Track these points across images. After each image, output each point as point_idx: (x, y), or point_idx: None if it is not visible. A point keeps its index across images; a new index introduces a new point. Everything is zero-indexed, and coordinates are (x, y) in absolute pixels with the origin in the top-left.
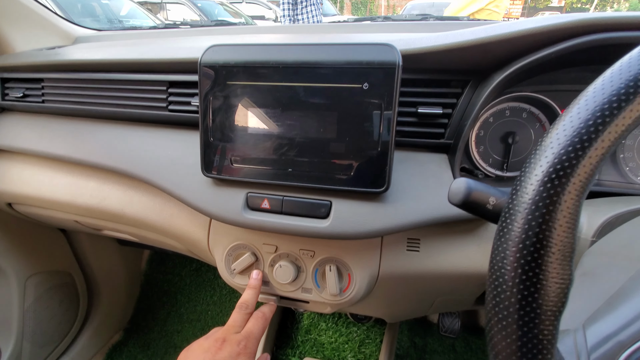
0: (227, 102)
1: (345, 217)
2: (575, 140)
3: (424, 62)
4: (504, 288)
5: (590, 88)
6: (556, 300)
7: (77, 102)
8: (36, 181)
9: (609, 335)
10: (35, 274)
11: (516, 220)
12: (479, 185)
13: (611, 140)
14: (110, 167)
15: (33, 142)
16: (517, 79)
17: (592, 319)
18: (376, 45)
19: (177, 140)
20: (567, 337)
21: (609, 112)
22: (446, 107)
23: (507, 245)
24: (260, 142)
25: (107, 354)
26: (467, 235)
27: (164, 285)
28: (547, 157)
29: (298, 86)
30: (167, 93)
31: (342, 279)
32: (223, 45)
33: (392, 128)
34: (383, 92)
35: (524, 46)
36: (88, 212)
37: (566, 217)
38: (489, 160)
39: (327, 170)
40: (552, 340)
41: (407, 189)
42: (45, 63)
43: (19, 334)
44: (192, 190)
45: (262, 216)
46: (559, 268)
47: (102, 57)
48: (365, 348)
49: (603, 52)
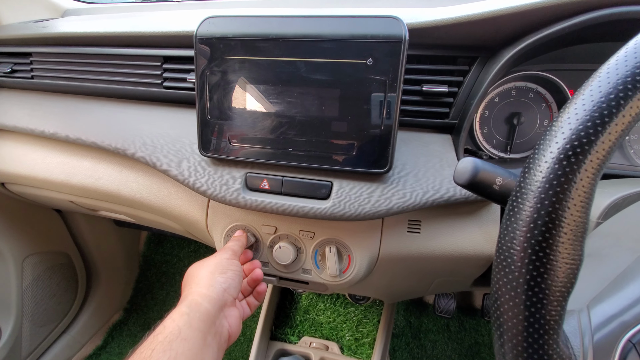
0: (225, 78)
1: (347, 198)
2: (595, 116)
3: (431, 37)
4: (512, 268)
5: (612, 60)
6: (565, 281)
7: (68, 78)
8: (29, 160)
9: (613, 316)
10: (32, 254)
11: (528, 199)
12: (487, 165)
13: (632, 116)
14: (105, 146)
15: (24, 119)
16: (528, 56)
17: (597, 300)
18: (382, 18)
19: (173, 118)
20: (571, 318)
21: (632, 85)
22: (452, 85)
23: (517, 224)
24: (260, 121)
25: (108, 333)
26: (468, 217)
27: (163, 267)
28: (565, 134)
29: (299, 61)
30: (161, 69)
31: (342, 260)
32: (220, 17)
33: (396, 107)
34: (388, 68)
35: (537, 20)
36: (83, 192)
37: (581, 195)
38: (492, 141)
39: (328, 150)
40: (559, 321)
41: (409, 170)
42: (33, 36)
43: (18, 313)
44: (189, 170)
45: (262, 197)
46: (570, 248)
47: (93, 30)
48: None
49: (618, 27)
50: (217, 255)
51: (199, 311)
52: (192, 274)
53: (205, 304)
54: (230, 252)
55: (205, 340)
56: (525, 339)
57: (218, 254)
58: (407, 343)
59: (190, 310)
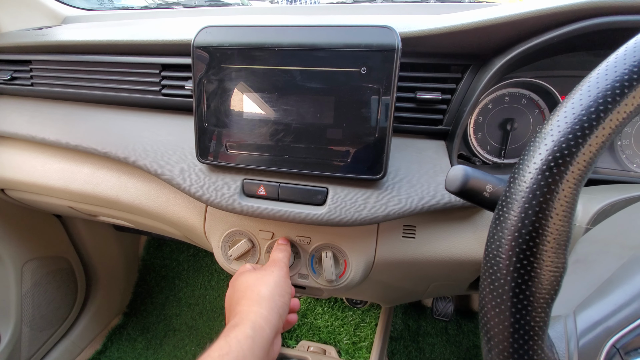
0: (222, 86)
1: (342, 204)
2: (575, 128)
3: (424, 46)
4: (498, 276)
5: (593, 73)
6: (549, 289)
7: (67, 85)
8: (29, 166)
9: (598, 321)
10: (31, 259)
11: (513, 208)
12: (477, 172)
13: (612, 128)
14: (104, 152)
15: (24, 126)
16: (519, 64)
17: (583, 306)
18: (375, 28)
19: (171, 125)
20: (557, 323)
21: (611, 99)
22: (445, 92)
23: (503, 233)
24: (256, 128)
25: (107, 337)
26: (462, 222)
27: (162, 271)
28: (547, 145)
29: (294, 70)
30: (160, 76)
31: (338, 265)
32: (217, 27)
33: (390, 114)
34: (381, 76)
35: (527, 29)
36: (82, 198)
37: (563, 205)
38: (486, 147)
39: (324, 156)
40: (544, 327)
41: (404, 176)
42: (33, 44)
43: (17, 318)
44: (187, 177)
45: (258, 203)
46: (553, 256)
47: (92, 38)
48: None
49: (608, 36)
50: (275, 272)
51: (262, 337)
52: (250, 286)
53: (267, 329)
54: (286, 270)
55: None
56: (511, 345)
57: (275, 270)
58: (405, 346)
59: (255, 334)
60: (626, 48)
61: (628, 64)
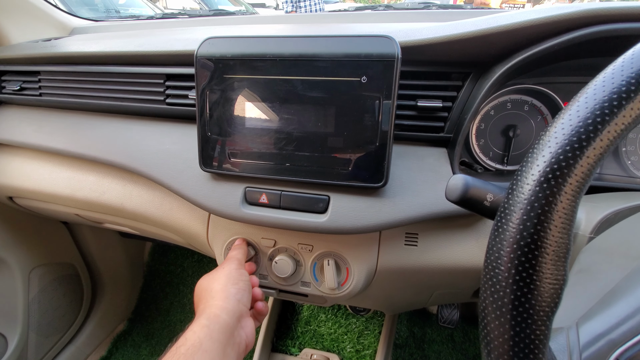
0: (224, 96)
1: (344, 212)
2: (573, 140)
3: (424, 54)
4: (497, 288)
5: (590, 85)
6: (549, 301)
7: (74, 95)
8: (36, 175)
9: (601, 334)
10: (38, 266)
11: (511, 220)
12: (477, 181)
13: (610, 139)
14: (110, 161)
15: (32, 135)
16: (519, 71)
17: (586, 317)
18: (375, 37)
19: (175, 133)
20: (560, 335)
21: (609, 111)
22: (446, 100)
23: (502, 245)
24: (258, 137)
25: (112, 343)
26: (465, 230)
27: (167, 277)
28: (545, 157)
29: (296, 79)
30: (164, 86)
31: (341, 272)
32: (219, 38)
33: (391, 122)
34: (382, 85)
35: (526, 38)
36: (88, 206)
37: (562, 217)
38: (489, 153)
39: (326, 164)
40: (544, 340)
41: (405, 184)
42: (42, 55)
43: (24, 324)
44: (190, 185)
45: (261, 211)
46: (553, 269)
47: (99, 49)
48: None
49: (608, 44)
50: (225, 267)
51: (218, 323)
52: (204, 287)
53: (223, 315)
54: (237, 262)
55: (225, 351)
56: (512, 358)
57: (225, 265)
58: (410, 354)
59: (210, 322)
60: (623, 59)
61: (625, 76)
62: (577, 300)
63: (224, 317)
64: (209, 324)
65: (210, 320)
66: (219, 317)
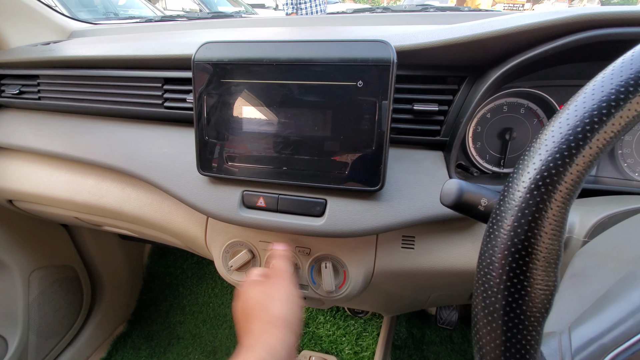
0: (222, 100)
1: (340, 215)
2: (563, 147)
3: (420, 58)
4: (489, 294)
5: (581, 92)
6: (540, 307)
7: (73, 99)
8: (35, 178)
9: (593, 338)
10: (38, 268)
11: (503, 226)
12: (471, 186)
13: (600, 147)
14: (108, 164)
15: (31, 139)
16: (515, 75)
17: (579, 322)
18: (370, 42)
19: (173, 137)
20: (552, 340)
21: (598, 119)
22: (442, 103)
23: (494, 251)
24: (255, 140)
25: (112, 345)
26: (461, 232)
27: (166, 278)
28: (535, 164)
29: (292, 84)
30: (162, 90)
31: (338, 275)
32: (217, 42)
33: (387, 126)
34: (378, 89)
35: (521, 42)
36: (87, 209)
37: (552, 224)
38: (486, 156)
39: (322, 168)
40: (535, 345)
41: (402, 187)
42: (41, 59)
43: (24, 326)
44: (188, 188)
45: (258, 214)
46: (543, 275)
47: (97, 53)
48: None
49: (602, 48)
50: (283, 285)
51: (276, 359)
52: (259, 303)
53: (282, 352)
54: (292, 281)
55: None
56: None
57: (282, 284)
58: (409, 355)
59: (269, 357)
60: (613, 68)
61: (615, 84)
62: (571, 305)
63: (282, 354)
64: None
65: (269, 353)
66: (279, 354)
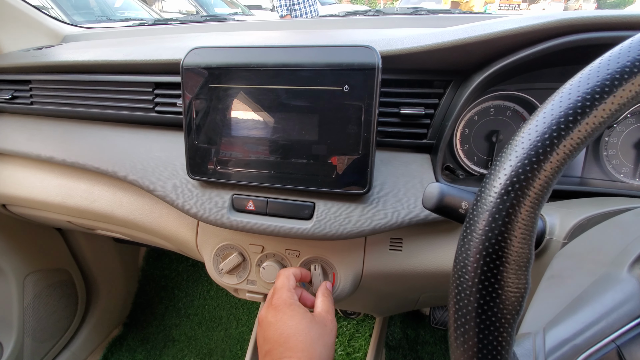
0: (210, 105)
1: (329, 218)
2: (531, 154)
3: (406, 63)
4: (462, 296)
5: (549, 100)
6: (511, 309)
7: (65, 103)
8: (28, 183)
9: (566, 339)
10: (33, 272)
11: (476, 230)
12: (452, 189)
13: (567, 153)
14: (99, 169)
15: (23, 144)
16: (498, 79)
17: (553, 323)
18: (356, 47)
19: (164, 141)
20: (526, 340)
21: (564, 126)
22: (428, 107)
23: (467, 254)
24: (244, 145)
25: (107, 348)
26: (448, 234)
27: (162, 281)
28: (506, 170)
29: (280, 89)
30: (153, 94)
31: (327, 277)
32: (205, 48)
33: (373, 130)
34: (363, 94)
35: (503, 47)
36: (79, 213)
37: (522, 228)
38: (473, 158)
39: (310, 172)
40: (507, 346)
41: (389, 190)
42: (33, 65)
43: (19, 330)
44: (178, 193)
45: (248, 217)
46: (514, 278)
47: (89, 58)
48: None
49: (583, 52)
50: (306, 313)
51: None
52: (282, 333)
53: None
54: (304, 308)
55: None
56: None
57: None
58: (404, 355)
59: None
60: (580, 76)
61: (581, 92)
62: (547, 306)
63: None
64: None
65: None
66: None
